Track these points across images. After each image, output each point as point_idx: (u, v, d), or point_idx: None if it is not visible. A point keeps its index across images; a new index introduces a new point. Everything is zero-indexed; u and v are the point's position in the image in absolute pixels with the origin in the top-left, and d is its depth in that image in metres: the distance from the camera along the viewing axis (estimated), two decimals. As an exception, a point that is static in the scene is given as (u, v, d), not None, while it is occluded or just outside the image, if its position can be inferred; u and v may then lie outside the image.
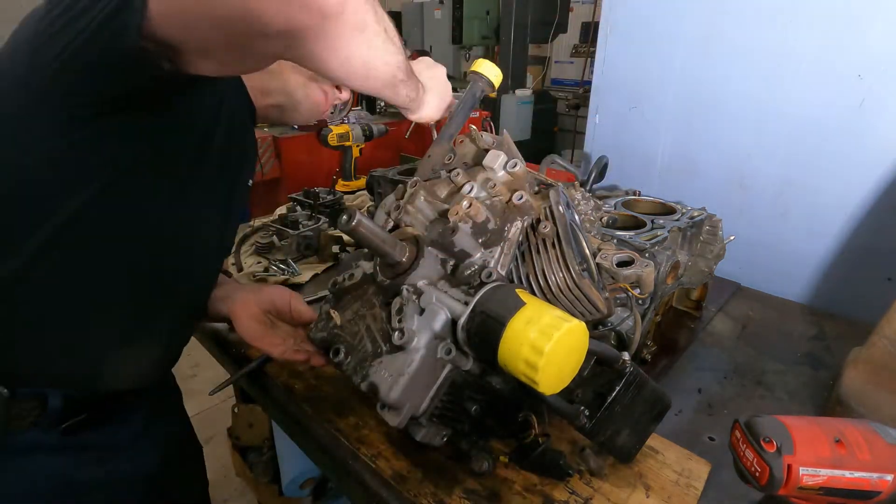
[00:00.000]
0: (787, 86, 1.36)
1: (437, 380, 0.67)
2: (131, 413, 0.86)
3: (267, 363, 1.04)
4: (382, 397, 0.65)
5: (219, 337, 1.15)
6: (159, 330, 0.82)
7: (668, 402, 0.76)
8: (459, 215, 0.69)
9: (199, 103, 0.70)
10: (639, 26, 1.61)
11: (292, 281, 1.34)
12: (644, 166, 1.70)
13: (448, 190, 0.79)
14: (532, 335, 0.55)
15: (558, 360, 0.56)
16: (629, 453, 0.76)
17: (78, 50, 0.51)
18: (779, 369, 1.09)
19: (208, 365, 3.13)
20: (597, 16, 3.72)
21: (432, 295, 0.66)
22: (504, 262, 0.69)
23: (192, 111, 0.69)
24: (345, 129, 2.09)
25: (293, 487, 1.62)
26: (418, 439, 0.71)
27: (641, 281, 0.90)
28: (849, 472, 0.61)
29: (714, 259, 1.20)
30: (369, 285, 0.77)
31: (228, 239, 0.95)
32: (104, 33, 0.49)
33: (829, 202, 1.35)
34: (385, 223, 0.80)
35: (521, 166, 0.76)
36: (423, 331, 0.65)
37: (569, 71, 6.07)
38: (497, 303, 0.60)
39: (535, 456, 0.78)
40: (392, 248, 0.69)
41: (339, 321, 0.78)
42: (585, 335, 0.59)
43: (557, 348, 0.55)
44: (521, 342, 0.56)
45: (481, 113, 4.14)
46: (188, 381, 3.06)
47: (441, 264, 0.70)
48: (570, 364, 0.59)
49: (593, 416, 0.70)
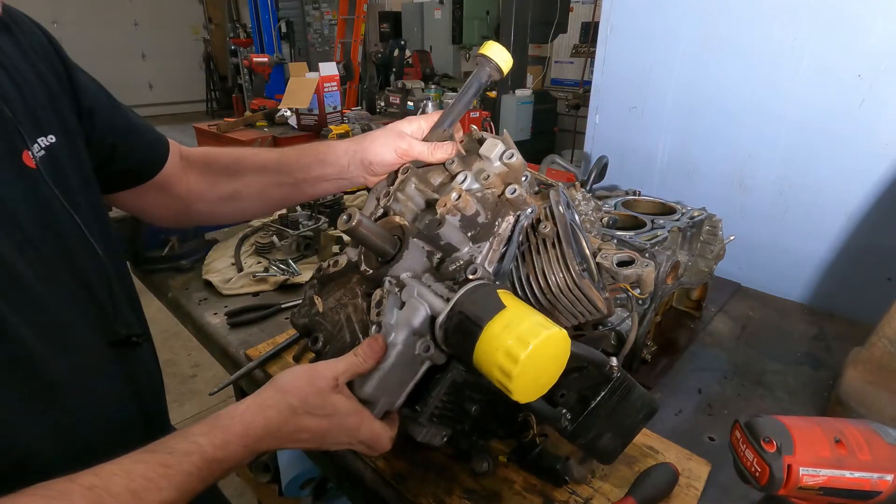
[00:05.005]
0: (787, 86, 1.36)
1: (415, 375, 0.65)
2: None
3: (267, 363, 1.04)
4: (356, 391, 0.63)
5: (219, 337, 1.15)
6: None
7: (656, 407, 0.74)
8: (447, 207, 0.66)
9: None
10: (639, 26, 1.61)
11: (292, 281, 1.34)
12: (644, 166, 1.70)
13: (441, 178, 0.77)
14: (508, 341, 0.52)
15: (534, 369, 0.53)
16: (611, 456, 0.74)
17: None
18: (779, 369, 1.09)
19: (208, 365, 3.15)
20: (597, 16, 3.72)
21: (414, 289, 0.64)
22: (493, 259, 0.66)
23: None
24: (345, 129, 2.10)
25: (293, 487, 1.62)
26: (418, 439, 0.70)
27: (641, 281, 0.90)
28: (849, 472, 0.61)
29: (714, 259, 1.20)
30: (353, 273, 0.75)
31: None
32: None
33: (829, 202, 1.35)
34: (375, 209, 0.77)
35: (518, 157, 0.74)
36: (401, 326, 0.62)
37: (569, 71, 6.08)
38: (476, 304, 0.58)
39: (532, 457, 0.78)
40: (393, 248, 0.68)
41: (321, 308, 0.76)
42: (566, 343, 0.56)
43: (534, 356, 0.52)
44: (497, 347, 0.53)
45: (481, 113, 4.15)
46: (188, 382, 3.07)
47: (427, 257, 0.68)
48: (548, 373, 0.56)
49: (575, 420, 0.68)
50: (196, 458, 0.53)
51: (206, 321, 1.22)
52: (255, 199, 0.94)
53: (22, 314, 0.60)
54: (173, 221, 0.99)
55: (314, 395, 0.60)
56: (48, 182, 0.66)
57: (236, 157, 0.95)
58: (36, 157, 0.65)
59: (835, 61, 1.28)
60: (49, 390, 0.64)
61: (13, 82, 0.66)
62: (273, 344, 1.09)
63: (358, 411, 0.62)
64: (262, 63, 5.64)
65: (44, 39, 0.73)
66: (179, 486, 0.51)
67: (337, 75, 3.66)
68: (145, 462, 0.52)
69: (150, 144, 0.87)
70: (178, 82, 10.49)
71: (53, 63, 0.73)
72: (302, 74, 3.75)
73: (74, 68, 0.76)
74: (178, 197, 0.91)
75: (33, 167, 0.65)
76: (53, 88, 0.71)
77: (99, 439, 0.70)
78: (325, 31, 8.53)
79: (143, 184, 0.87)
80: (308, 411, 0.60)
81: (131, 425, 0.77)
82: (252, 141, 3.53)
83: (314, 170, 0.90)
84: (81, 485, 0.48)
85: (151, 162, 0.87)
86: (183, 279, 1.41)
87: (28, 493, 0.47)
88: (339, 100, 3.67)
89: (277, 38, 7.85)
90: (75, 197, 0.70)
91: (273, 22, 7.65)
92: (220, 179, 0.93)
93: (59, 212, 0.67)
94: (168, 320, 1.62)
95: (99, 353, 0.73)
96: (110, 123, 0.80)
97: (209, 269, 1.41)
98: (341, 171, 0.89)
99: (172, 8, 10.15)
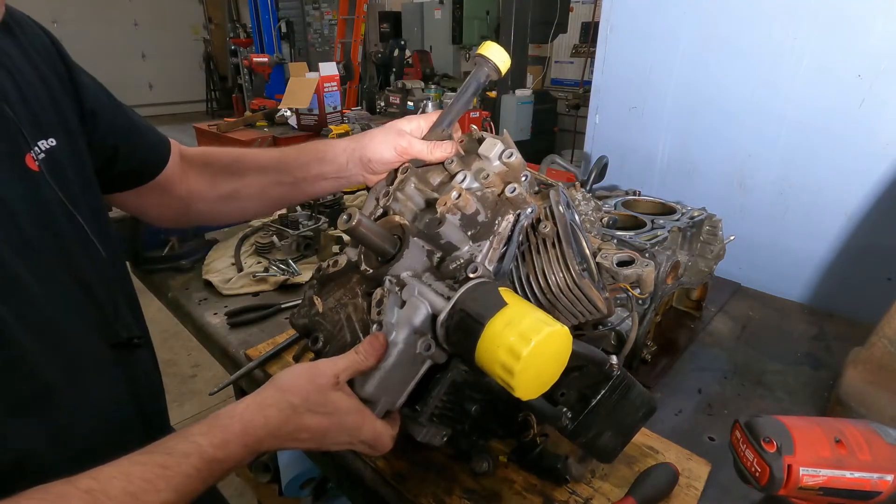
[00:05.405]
0: (787, 86, 1.36)
1: (416, 375, 0.65)
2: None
3: (267, 363, 1.04)
4: (357, 391, 0.63)
5: (219, 337, 1.15)
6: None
7: (655, 406, 0.74)
8: (448, 206, 0.66)
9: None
10: (639, 26, 1.61)
11: (292, 281, 1.34)
12: (644, 166, 1.70)
13: (441, 178, 0.77)
14: (510, 338, 0.52)
15: (537, 366, 0.53)
16: (611, 455, 0.74)
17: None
18: (779, 369, 1.09)
19: (208, 365, 3.15)
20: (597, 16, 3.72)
21: (415, 288, 0.64)
22: (493, 257, 0.66)
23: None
24: (345, 129, 2.10)
25: (293, 487, 1.62)
26: (419, 439, 0.70)
27: (641, 281, 0.90)
28: (849, 472, 0.61)
29: (714, 259, 1.20)
30: (353, 273, 0.75)
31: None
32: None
33: (829, 202, 1.35)
34: (374, 209, 0.77)
35: (517, 157, 0.74)
36: (402, 325, 0.62)
37: (569, 71, 6.08)
38: (477, 301, 0.58)
39: (533, 457, 0.78)
40: (393, 248, 0.68)
41: (320, 308, 0.76)
42: (568, 340, 0.56)
43: (536, 353, 0.52)
44: (499, 345, 0.53)
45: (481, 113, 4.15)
46: (188, 382, 3.06)
47: (427, 256, 0.68)
48: (550, 370, 0.56)
49: (576, 419, 0.68)
50: (195, 459, 0.53)
51: (206, 321, 1.22)
52: (254, 198, 0.94)
53: (18, 315, 0.60)
54: (173, 222, 0.99)
55: (315, 393, 0.60)
56: (50, 184, 0.66)
57: (236, 157, 0.94)
58: (38, 159, 0.65)
59: (835, 61, 1.28)
60: (46, 391, 0.64)
61: (15, 84, 0.66)
62: (273, 344, 1.09)
63: (359, 410, 0.62)
64: (262, 63, 5.64)
65: (46, 41, 0.73)
66: (178, 487, 0.51)
67: (337, 75, 3.66)
68: (143, 464, 0.52)
69: (152, 145, 0.87)
70: (178, 82, 10.49)
71: (55, 64, 0.73)
72: (302, 74, 3.75)
73: (76, 70, 0.76)
74: (178, 197, 0.91)
75: (35, 169, 0.65)
76: (55, 90, 0.71)
77: (98, 440, 0.69)
78: (325, 31, 8.53)
79: (144, 184, 0.87)
80: (309, 409, 0.59)
81: (130, 426, 0.77)
82: (252, 141, 3.53)
83: (313, 168, 0.90)
84: (79, 488, 0.48)
85: (153, 163, 0.87)
86: (183, 279, 1.41)
87: (25, 496, 0.47)
88: (339, 100, 3.67)
89: (277, 38, 7.85)
90: (76, 199, 0.70)
91: (273, 22, 7.66)
92: (220, 179, 0.93)
93: (60, 214, 0.67)
94: (168, 320, 1.62)
95: (98, 354, 0.72)
96: (112, 124, 0.80)
97: (209, 269, 1.41)
98: (340, 170, 0.88)
99: (172, 8, 10.15)
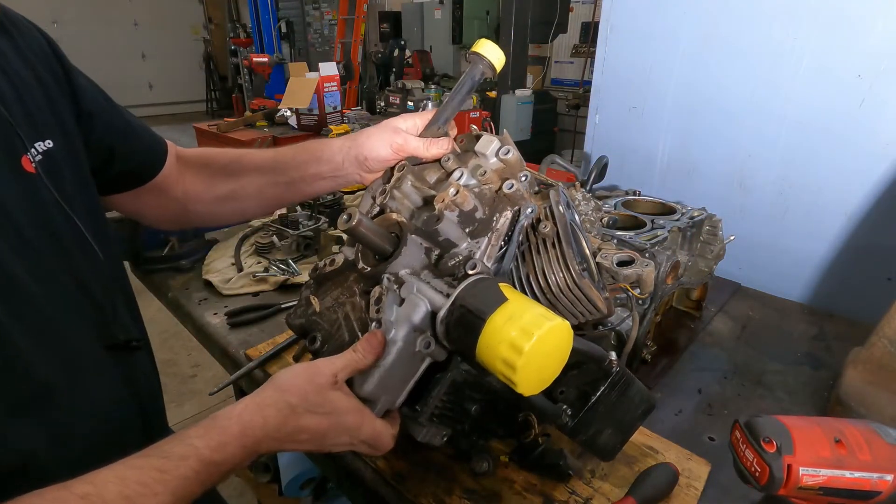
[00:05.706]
0: (787, 86, 1.36)
1: (416, 373, 0.64)
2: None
3: (267, 363, 1.04)
4: (356, 390, 0.63)
5: (219, 337, 1.15)
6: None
7: (654, 403, 0.75)
8: (445, 203, 0.66)
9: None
10: (639, 26, 1.61)
11: (292, 281, 1.34)
12: (644, 166, 1.70)
13: (437, 176, 0.77)
14: (512, 333, 0.52)
15: (538, 361, 0.53)
16: (611, 452, 0.74)
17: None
18: (779, 369, 1.09)
19: (208, 365, 3.15)
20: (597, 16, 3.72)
21: (413, 285, 0.63)
22: (491, 254, 0.66)
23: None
24: (345, 129, 2.10)
25: (293, 487, 1.62)
26: (419, 439, 0.70)
27: (641, 281, 0.90)
28: (849, 472, 0.61)
29: (714, 259, 1.20)
30: (350, 272, 0.75)
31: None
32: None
33: (829, 202, 1.35)
34: (371, 207, 0.77)
35: (514, 154, 0.74)
36: (401, 323, 0.62)
37: (569, 71, 6.08)
38: (478, 297, 0.57)
39: (535, 456, 0.78)
40: (391, 246, 0.68)
41: (317, 307, 0.75)
42: (569, 335, 0.56)
43: (538, 348, 0.52)
44: (500, 340, 0.53)
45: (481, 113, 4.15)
46: (188, 382, 3.06)
47: (425, 253, 0.68)
48: (551, 365, 0.56)
49: (576, 416, 0.68)
50: (192, 462, 0.53)
51: (206, 321, 1.22)
52: (252, 198, 0.93)
53: (17, 315, 0.60)
54: (171, 223, 0.99)
55: (313, 393, 0.60)
56: (47, 186, 0.66)
57: (232, 158, 0.94)
58: (34, 161, 0.65)
59: (835, 61, 1.28)
60: (45, 391, 0.64)
61: (11, 85, 0.66)
62: (273, 344, 1.09)
63: (358, 409, 0.62)
64: (262, 63, 5.64)
65: (42, 42, 0.73)
66: (175, 490, 0.51)
67: (337, 75, 3.66)
68: (140, 468, 0.51)
69: (148, 147, 0.87)
70: (178, 82, 10.48)
71: (52, 66, 0.73)
72: (302, 74, 3.75)
73: (73, 71, 0.76)
74: (175, 198, 0.91)
75: (32, 171, 0.65)
76: (52, 91, 0.71)
77: (98, 440, 0.69)
78: (325, 31, 8.53)
79: (141, 186, 0.87)
80: (308, 409, 0.59)
81: (129, 427, 0.77)
82: (252, 141, 3.53)
83: (310, 167, 0.90)
84: (75, 493, 0.48)
85: (150, 164, 0.87)
86: (183, 279, 1.41)
87: (22, 500, 0.47)
88: (339, 100, 3.67)
89: (277, 38, 7.85)
90: (73, 200, 0.70)
91: (273, 22, 7.66)
92: (217, 180, 0.93)
93: (57, 215, 0.67)
94: (168, 320, 1.62)
95: (96, 355, 0.72)
96: (109, 126, 0.80)
97: (209, 269, 1.41)
98: (337, 168, 0.88)
99: (172, 8, 10.15)
